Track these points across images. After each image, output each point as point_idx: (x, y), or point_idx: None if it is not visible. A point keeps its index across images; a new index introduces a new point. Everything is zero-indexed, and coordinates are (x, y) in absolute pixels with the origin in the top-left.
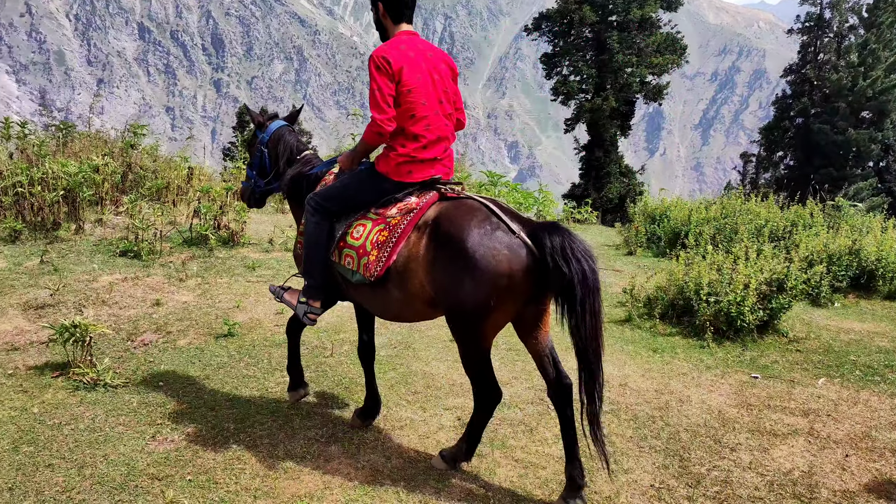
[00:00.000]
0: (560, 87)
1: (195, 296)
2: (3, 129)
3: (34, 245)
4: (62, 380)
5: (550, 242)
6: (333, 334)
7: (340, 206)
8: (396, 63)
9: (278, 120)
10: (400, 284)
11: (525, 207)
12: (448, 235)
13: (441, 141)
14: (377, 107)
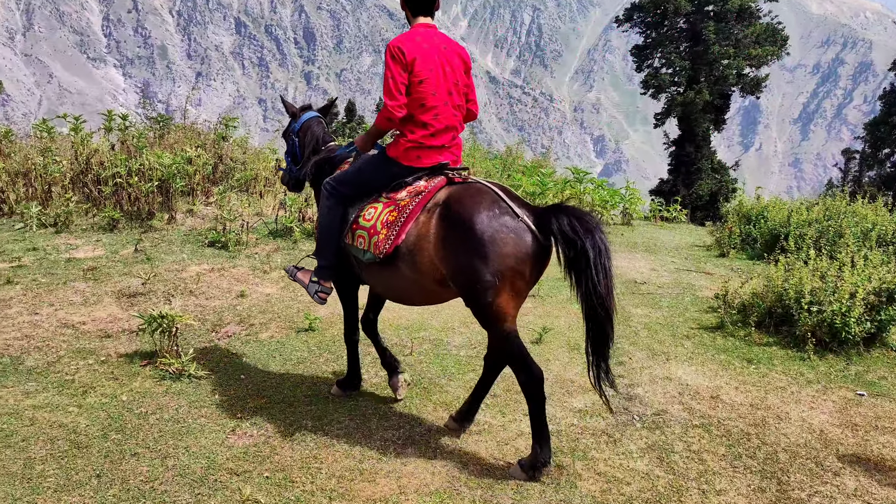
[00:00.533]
0: (651, 80)
1: (278, 288)
2: (106, 121)
3: (130, 234)
4: (150, 369)
5: (558, 222)
6: (414, 332)
7: (354, 190)
8: (410, 54)
9: (311, 111)
10: (410, 263)
11: (611, 205)
12: (458, 216)
13: (449, 130)
14: (389, 94)
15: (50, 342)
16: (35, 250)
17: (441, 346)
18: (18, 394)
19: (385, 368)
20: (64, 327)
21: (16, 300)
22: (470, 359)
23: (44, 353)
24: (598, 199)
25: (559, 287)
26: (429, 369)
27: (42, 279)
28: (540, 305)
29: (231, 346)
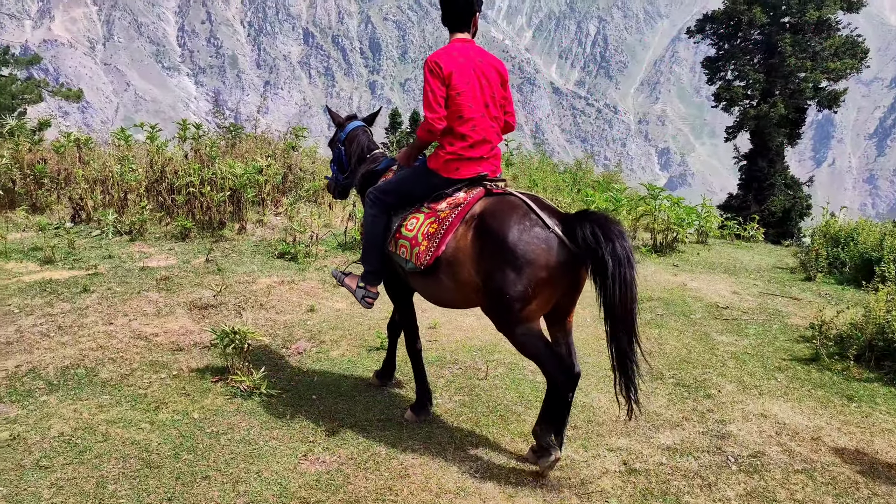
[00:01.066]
0: (723, 93)
1: (348, 303)
2: (180, 130)
3: (201, 243)
4: (221, 385)
5: (581, 230)
6: (488, 354)
7: (396, 200)
8: (447, 68)
9: (356, 121)
10: (450, 273)
11: (687, 223)
12: (491, 229)
13: (487, 142)
14: (429, 107)
15: (124, 354)
16: (110, 258)
17: (516, 371)
18: (93, 407)
19: (383, 369)
20: (137, 339)
21: (91, 309)
22: None
23: (118, 364)
24: (673, 216)
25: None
26: (504, 396)
27: (117, 288)
28: None
29: (302, 364)
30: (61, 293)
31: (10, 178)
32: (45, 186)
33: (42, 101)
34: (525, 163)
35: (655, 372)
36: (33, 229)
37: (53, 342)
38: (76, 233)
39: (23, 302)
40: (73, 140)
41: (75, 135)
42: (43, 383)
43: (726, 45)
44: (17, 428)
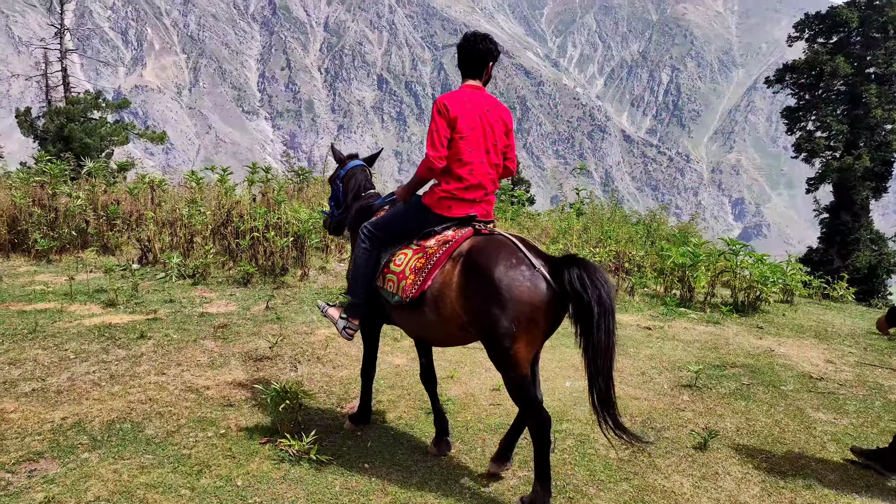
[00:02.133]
0: (804, 144)
1: (408, 359)
2: (250, 173)
3: (262, 289)
4: (269, 447)
5: (568, 274)
6: (555, 423)
7: (388, 235)
8: (454, 111)
9: (357, 160)
10: (434, 308)
11: (771, 282)
12: (478, 266)
13: (482, 187)
14: (432, 145)
15: (172, 408)
16: (171, 302)
17: (587, 444)
18: (134, 468)
19: (435, 426)
20: (188, 391)
21: (146, 357)
22: (621, 464)
23: (165, 420)
24: (756, 273)
25: (719, 377)
26: (574, 473)
27: (174, 335)
28: (699, 399)
29: (356, 428)
30: (118, 339)
31: (84, 219)
32: (116, 227)
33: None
34: (596, 212)
35: (746, 452)
36: (101, 270)
37: (104, 392)
38: (141, 275)
39: (80, 347)
40: (146, 182)
41: (150, 177)
42: (87, 438)
43: (807, 95)
44: (53, 489)
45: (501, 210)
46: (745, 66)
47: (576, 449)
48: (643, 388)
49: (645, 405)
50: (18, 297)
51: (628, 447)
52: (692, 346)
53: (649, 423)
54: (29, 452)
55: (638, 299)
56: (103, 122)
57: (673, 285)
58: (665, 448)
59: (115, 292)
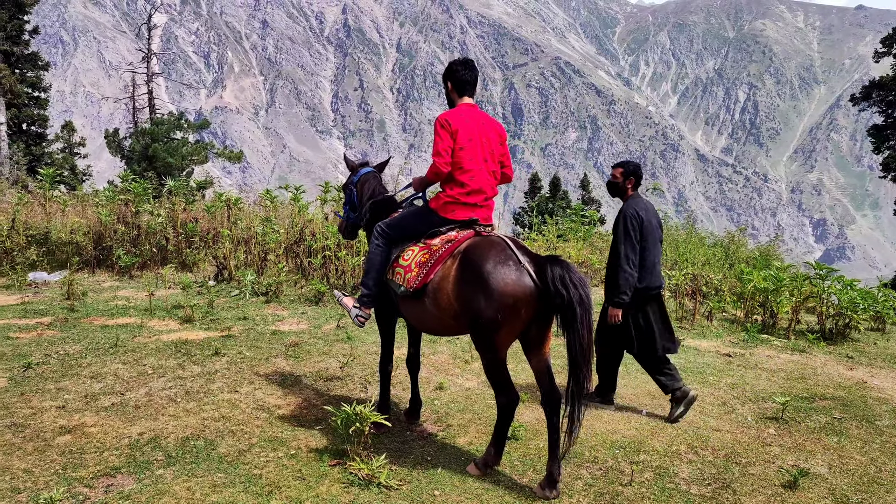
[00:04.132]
0: (892, 163)
1: (479, 382)
2: (323, 191)
3: (334, 308)
4: (338, 470)
5: (552, 272)
6: (632, 454)
7: (399, 233)
8: (455, 125)
9: (368, 167)
10: (434, 299)
11: (862, 309)
12: (470, 261)
13: (482, 192)
14: (438, 154)
15: (244, 427)
16: (245, 319)
17: (666, 478)
18: (206, 486)
19: (410, 405)
20: (260, 410)
21: (220, 374)
22: (704, 500)
23: (237, 438)
24: (845, 300)
25: (808, 410)
26: None
27: (247, 352)
28: (786, 433)
29: (426, 451)
30: (194, 355)
31: (165, 237)
32: (194, 245)
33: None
34: (672, 234)
35: (839, 494)
36: (179, 286)
37: (179, 409)
38: (217, 292)
39: (157, 363)
40: (223, 200)
41: (226, 195)
42: (162, 454)
43: (895, 113)
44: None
45: (573, 230)
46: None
47: (654, 483)
48: (725, 420)
49: (727, 438)
50: (102, 312)
51: (711, 483)
52: (777, 375)
53: (733, 458)
54: (107, 467)
55: (716, 324)
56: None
57: (753, 310)
58: (751, 486)
59: (192, 309)
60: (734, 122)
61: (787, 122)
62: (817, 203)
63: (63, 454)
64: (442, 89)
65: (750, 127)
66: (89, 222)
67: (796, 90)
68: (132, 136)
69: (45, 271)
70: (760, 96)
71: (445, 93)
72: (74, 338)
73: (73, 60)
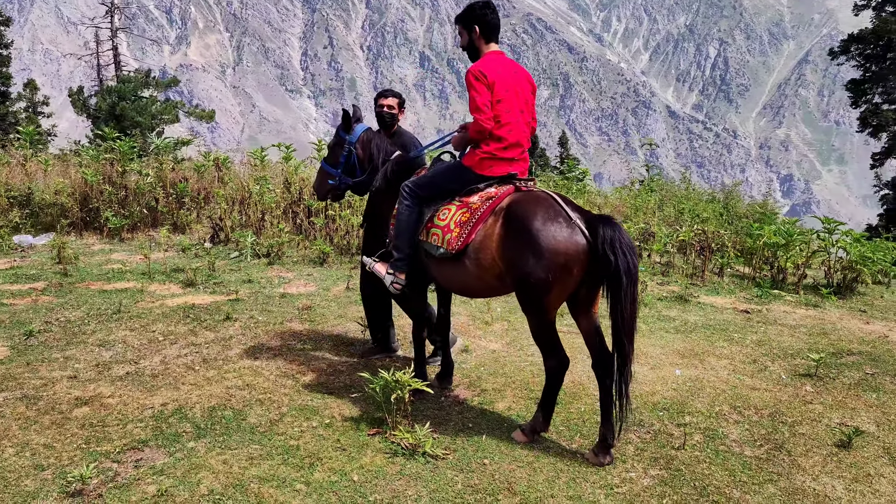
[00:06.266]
0: (870, 118)
1: (503, 343)
2: (317, 150)
3: (339, 269)
4: (379, 440)
5: (603, 233)
6: (676, 415)
7: (430, 193)
8: (491, 76)
9: (361, 123)
10: (475, 260)
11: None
12: (517, 218)
13: (519, 145)
14: (478, 110)
15: (271, 395)
16: (250, 282)
17: (717, 440)
18: (243, 459)
19: (441, 368)
20: (284, 377)
21: (235, 340)
22: (760, 462)
23: (266, 407)
24: (856, 254)
25: (838, 366)
26: (712, 474)
27: (259, 316)
28: (824, 390)
29: (465, 417)
30: (204, 320)
31: (154, 197)
32: (185, 206)
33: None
34: (669, 190)
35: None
36: (174, 249)
37: (199, 377)
38: (215, 254)
39: (167, 329)
40: (212, 160)
41: (215, 154)
42: (190, 426)
43: (874, 67)
44: (164, 481)
45: (566, 188)
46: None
47: (706, 445)
48: (759, 378)
49: (767, 397)
50: (97, 276)
51: (763, 444)
52: (798, 331)
53: (778, 417)
54: (133, 440)
55: (727, 280)
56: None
57: (761, 266)
58: (804, 446)
59: (193, 272)
60: (705, 79)
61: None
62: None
63: (84, 427)
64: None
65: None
66: (73, 183)
67: (766, 46)
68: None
69: (29, 234)
70: (731, 52)
71: (468, 41)
72: (73, 304)
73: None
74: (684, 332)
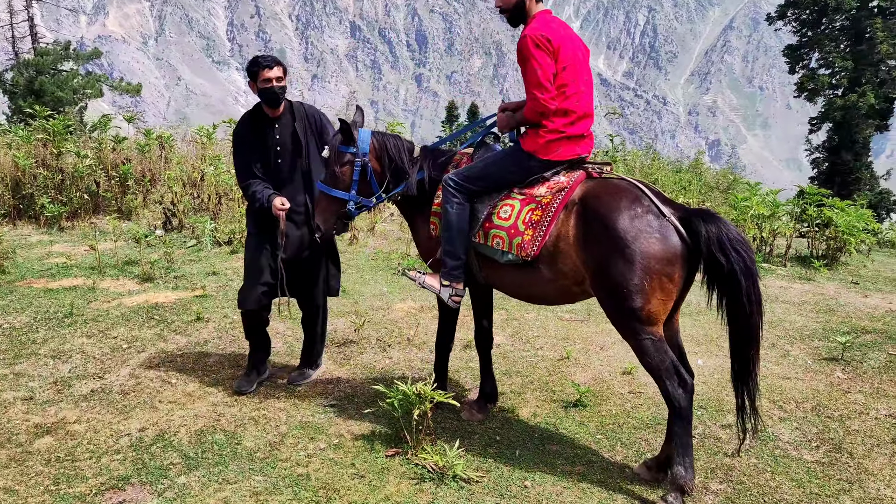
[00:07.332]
0: (806, 83)
1: (506, 336)
2: None
3: None
4: (400, 462)
5: (706, 231)
6: (717, 415)
7: (483, 186)
8: (556, 41)
9: (361, 128)
10: (550, 264)
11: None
12: (598, 214)
13: (587, 117)
14: (539, 86)
15: (265, 411)
16: (215, 275)
17: (770, 443)
18: (247, 496)
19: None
20: (275, 388)
21: (212, 345)
22: (825, 467)
23: (262, 427)
24: (844, 224)
25: (860, 347)
26: (780, 486)
27: (233, 315)
28: (856, 377)
29: (489, 428)
30: (172, 322)
31: (95, 181)
32: (130, 189)
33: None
34: (634, 159)
35: None
36: (123, 238)
37: (178, 392)
38: (171, 243)
39: (130, 334)
40: (155, 138)
41: (158, 132)
42: (177, 456)
43: (810, 32)
44: None
45: None
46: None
47: (762, 451)
48: (785, 365)
49: (802, 387)
50: (40, 273)
51: (820, 445)
52: (804, 308)
53: (823, 412)
54: (111, 478)
55: None
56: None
57: None
58: (864, 445)
59: (150, 265)
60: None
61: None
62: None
63: (49, 463)
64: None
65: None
66: (2, 167)
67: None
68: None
69: None
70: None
71: (516, 3)
72: (16, 306)
73: None
74: (689, 314)
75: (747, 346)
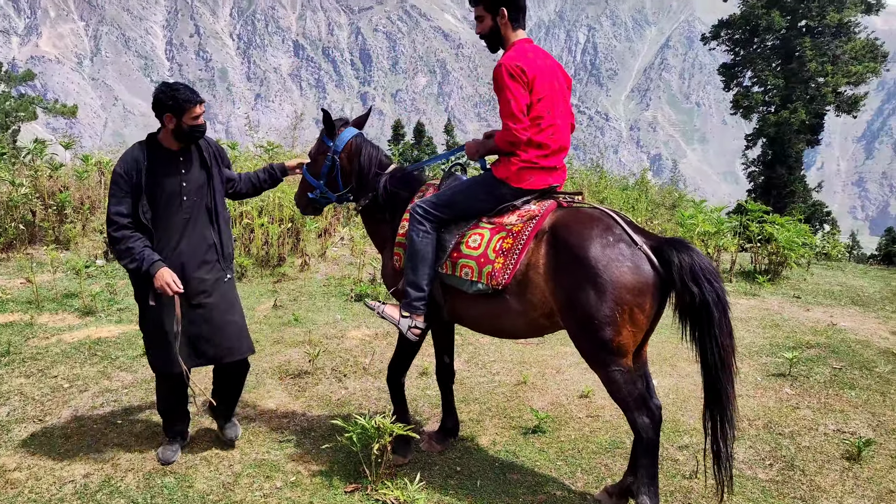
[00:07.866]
0: (741, 100)
1: (462, 361)
2: None
3: (261, 283)
4: (360, 497)
5: (679, 260)
6: (673, 435)
7: (452, 214)
8: (531, 71)
9: (350, 127)
10: (519, 294)
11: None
12: (568, 243)
13: (562, 150)
14: (512, 116)
15: (218, 450)
16: None
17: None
18: None
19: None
20: None
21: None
22: (779, 486)
23: (214, 467)
24: (784, 240)
25: (805, 362)
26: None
27: None
28: (804, 392)
29: (449, 458)
30: (116, 358)
31: (31, 210)
32: (68, 218)
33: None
34: (582, 178)
35: None
36: (61, 270)
37: (124, 434)
38: (112, 273)
39: (72, 372)
40: (93, 163)
41: (97, 157)
42: (125, 502)
43: (742, 51)
44: None
45: None
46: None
47: None
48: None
49: (753, 404)
50: None
51: (773, 463)
52: (750, 323)
53: (774, 429)
54: None
55: None
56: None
57: None
58: (815, 462)
59: (91, 297)
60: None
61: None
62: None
63: None
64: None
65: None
66: None
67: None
68: None
69: None
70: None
71: (491, 26)
72: None
73: None
74: None
75: (719, 378)
